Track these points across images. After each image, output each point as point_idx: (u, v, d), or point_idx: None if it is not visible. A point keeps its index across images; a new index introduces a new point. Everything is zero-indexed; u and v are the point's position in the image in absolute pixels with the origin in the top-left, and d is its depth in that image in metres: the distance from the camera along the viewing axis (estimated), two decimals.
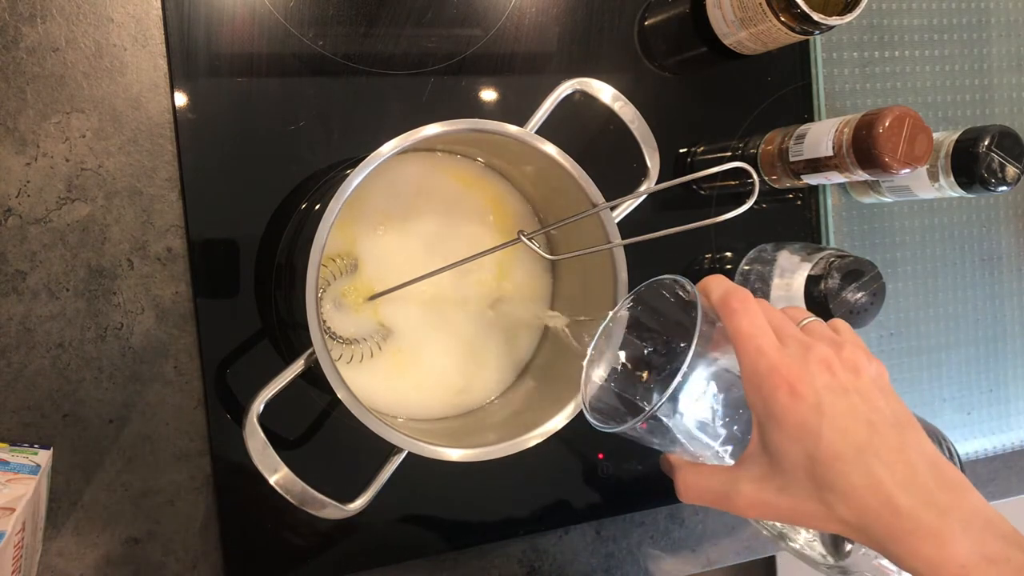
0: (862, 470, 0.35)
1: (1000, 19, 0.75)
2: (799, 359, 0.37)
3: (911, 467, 0.36)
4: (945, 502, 0.35)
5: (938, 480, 0.36)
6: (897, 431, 0.37)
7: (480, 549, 0.61)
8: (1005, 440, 0.76)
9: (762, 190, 0.66)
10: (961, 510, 0.35)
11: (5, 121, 0.50)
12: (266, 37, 0.55)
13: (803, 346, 0.38)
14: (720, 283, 0.40)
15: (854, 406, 0.37)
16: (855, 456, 0.36)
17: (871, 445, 0.36)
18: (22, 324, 0.51)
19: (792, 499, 0.37)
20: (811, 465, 0.36)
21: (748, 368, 0.37)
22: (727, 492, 0.39)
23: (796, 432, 0.36)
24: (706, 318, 0.38)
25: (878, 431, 0.36)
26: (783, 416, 0.36)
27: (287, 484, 0.43)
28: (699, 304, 0.38)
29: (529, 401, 0.55)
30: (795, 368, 0.37)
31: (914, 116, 0.54)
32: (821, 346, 0.38)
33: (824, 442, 0.36)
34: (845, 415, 0.36)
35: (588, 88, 0.52)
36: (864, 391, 0.37)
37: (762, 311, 0.39)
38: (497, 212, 0.57)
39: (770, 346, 0.37)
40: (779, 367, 0.37)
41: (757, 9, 0.57)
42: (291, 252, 0.52)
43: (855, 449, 0.36)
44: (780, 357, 0.37)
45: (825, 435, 0.36)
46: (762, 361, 0.37)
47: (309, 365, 0.45)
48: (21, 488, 0.43)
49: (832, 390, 0.37)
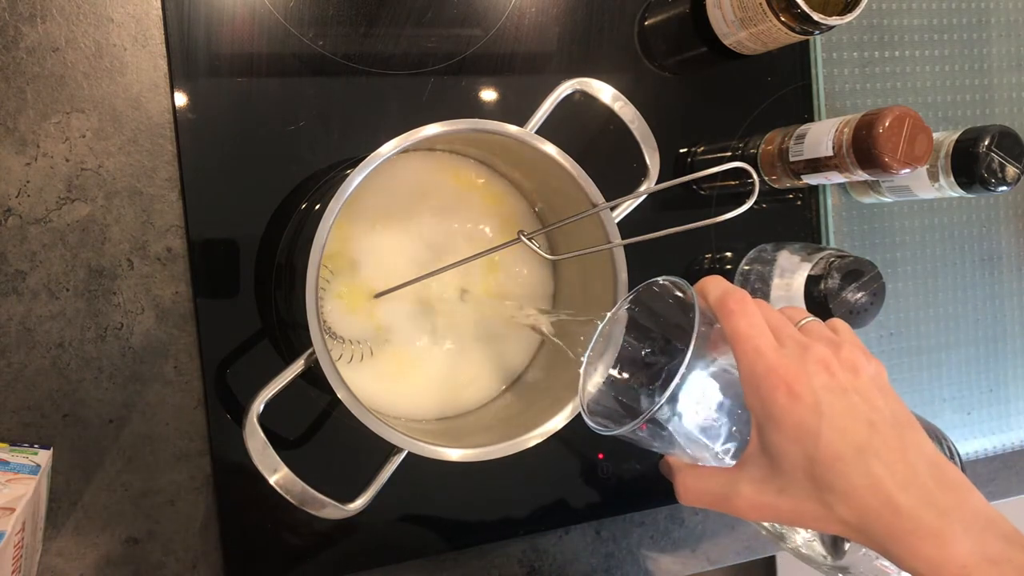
0: (862, 470, 0.35)
1: (1000, 19, 0.75)
2: (797, 359, 0.37)
3: (911, 467, 0.36)
4: (946, 502, 0.35)
5: (938, 480, 0.36)
6: (897, 431, 0.37)
7: (480, 549, 0.61)
8: (1005, 440, 0.76)
9: (762, 190, 0.66)
10: (962, 510, 0.35)
11: (5, 121, 0.50)
12: (266, 37, 0.55)
13: (801, 346, 0.38)
14: (718, 284, 0.40)
15: (853, 406, 0.37)
16: (855, 456, 0.35)
17: (871, 445, 0.36)
18: (22, 324, 0.51)
19: (792, 500, 0.37)
20: (810, 466, 0.36)
21: (746, 369, 0.37)
22: (727, 494, 0.39)
23: (795, 433, 0.36)
24: (704, 319, 0.38)
25: (878, 431, 0.36)
26: (782, 417, 0.36)
27: (287, 484, 0.43)
28: (696, 305, 0.38)
29: (529, 401, 0.55)
30: (793, 369, 0.37)
31: (914, 116, 0.54)
32: (819, 346, 0.38)
33: (823, 443, 0.36)
34: (844, 415, 0.36)
35: (588, 88, 0.52)
36: (863, 391, 0.37)
37: (760, 311, 0.39)
38: (497, 212, 0.57)
39: (768, 347, 0.37)
40: (777, 368, 0.37)
41: (757, 9, 0.57)
42: (291, 252, 0.52)
43: (855, 449, 0.36)
44: (778, 358, 0.37)
45: (824, 435, 0.36)
46: (760, 362, 0.37)
47: (309, 365, 0.45)
48: (21, 488, 0.43)
49: (831, 390, 0.37)
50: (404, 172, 0.54)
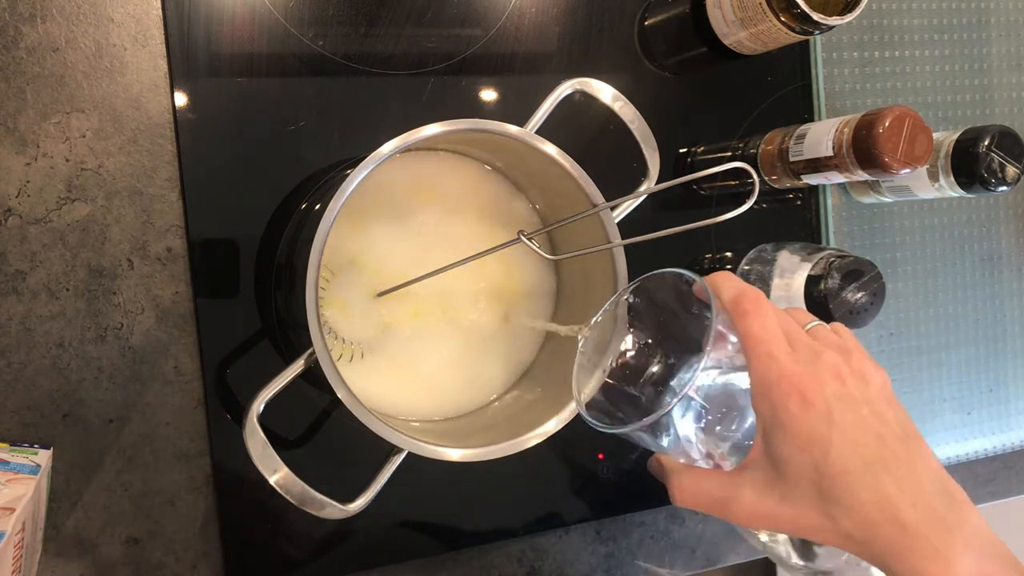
0: (870, 485, 0.35)
1: (1000, 19, 0.75)
2: (810, 366, 0.36)
3: (918, 483, 0.35)
4: (950, 520, 0.35)
5: (943, 497, 0.35)
6: (904, 445, 0.36)
7: (480, 549, 0.61)
8: (1005, 440, 0.76)
9: (762, 190, 0.66)
10: (963, 529, 0.35)
11: (5, 121, 0.50)
12: (266, 37, 0.55)
13: (813, 352, 0.37)
14: (732, 282, 0.39)
15: (864, 418, 0.36)
16: (863, 470, 0.35)
17: (880, 459, 0.35)
18: (22, 324, 0.51)
19: (794, 509, 0.36)
20: (817, 477, 0.35)
21: (758, 374, 0.37)
22: (725, 498, 0.38)
23: (804, 441, 0.35)
24: (719, 318, 0.38)
25: (886, 444, 0.36)
26: (792, 424, 0.36)
27: (287, 484, 0.43)
28: (714, 303, 0.38)
29: (529, 401, 0.55)
30: (807, 376, 0.36)
31: (914, 116, 0.54)
32: (831, 353, 0.37)
33: (833, 454, 0.35)
34: (855, 427, 0.36)
35: (588, 88, 0.52)
36: (872, 402, 0.37)
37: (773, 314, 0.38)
38: (497, 212, 0.57)
39: (781, 351, 0.37)
40: (791, 374, 0.36)
41: (757, 9, 0.57)
42: (291, 252, 0.52)
43: (863, 463, 0.35)
44: (791, 364, 0.36)
45: (834, 446, 0.35)
46: (773, 367, 0.36)
47: (309, 365, 0.44)
48: (21, 488, 0.43)
49: (842, 399, 0.36)
50: (404, 172, 0.54)
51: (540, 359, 0.58)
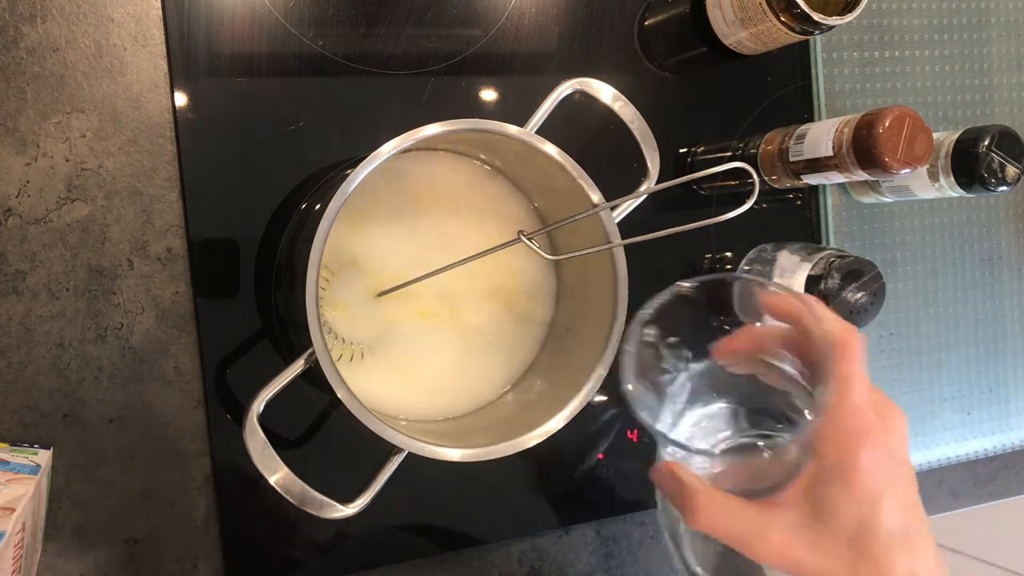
0: (906, 559, 0.34)
1: (1000, 19, 0.75)
2: (879, 418, 0.36)
3: (934, 558, 0.35)
4: None
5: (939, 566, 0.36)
6: (922, 513, 0.36)
7: (480, 549, 0.61)
8: (1005, 440, 0.76)
9: (762, 190, 0.66)
10: None
11: (5, 121, 0.50)
12: (266, 37, 0.55)
13: (883, 403, 0.36)
14: (834, 315, 0.37)
15: (907, 482, 0.36)
16: (901, 539, 0.35)
17: (914, 530, 0.35)
18: (22, 324, 0.51)
19: (822, 559, 0.35)
20: (860, 531, 0.34)
21: (840, 421, 0.35)
22: (752, 534, 0.36)
23: (860, 495, 0.35)
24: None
25: (917, 513, 0.36)
26: (855, 476, 0.35)
27: (287, 484, 0.43)
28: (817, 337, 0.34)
29: (529, 401, 0.55)
30: (881, 430, 0.35)
31: (914, 116, 0.54)
32: (893, 407, 0.37)
33: (883, 515, 0.34)
34: (901, 490, 0.35)
35: (588, 88, 0.52)
36: (908, 463, 0.36)
37: None
38: (497, 212, 0.57)
39: (866, 402, 0.35)
40: (869, 429, 0.35)
41: (757, 9, 0.57)
42: (291, 252, 0.52)
43: (902, 529, 0.35)
44: (871, 418, 0.35)
45: (885, 508, 0.34)
46: (858, 416, 0.35)
47: (309, 365, 0.44)
48: (21, 488, 0.43)
49: (895, 460, 0.35)
50: (404, 172, 0.54)
51: (540, 359, 0.58)
